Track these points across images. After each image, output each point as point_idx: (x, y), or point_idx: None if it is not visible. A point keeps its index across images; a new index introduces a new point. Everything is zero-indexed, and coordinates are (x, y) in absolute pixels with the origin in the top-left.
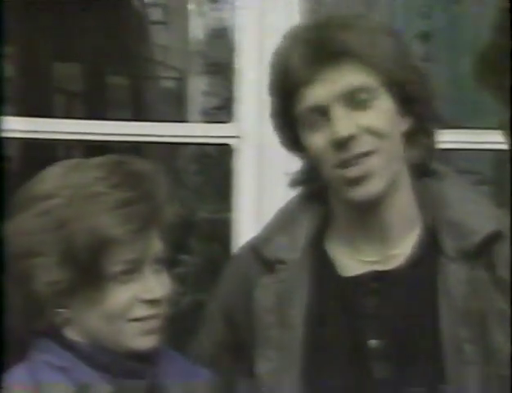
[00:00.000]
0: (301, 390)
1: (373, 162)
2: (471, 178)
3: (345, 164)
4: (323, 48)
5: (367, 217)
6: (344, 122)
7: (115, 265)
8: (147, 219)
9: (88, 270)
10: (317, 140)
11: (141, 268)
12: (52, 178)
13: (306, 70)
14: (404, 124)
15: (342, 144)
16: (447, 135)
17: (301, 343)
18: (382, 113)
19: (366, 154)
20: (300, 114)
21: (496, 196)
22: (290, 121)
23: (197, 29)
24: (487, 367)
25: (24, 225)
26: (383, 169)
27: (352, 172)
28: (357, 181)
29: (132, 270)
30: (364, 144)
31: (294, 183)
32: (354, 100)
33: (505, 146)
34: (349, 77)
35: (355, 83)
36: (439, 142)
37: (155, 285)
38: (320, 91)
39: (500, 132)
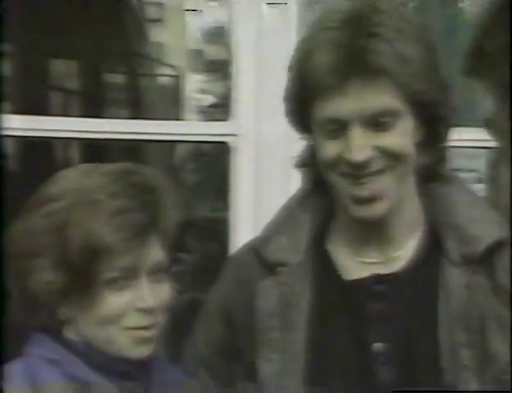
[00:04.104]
0: None
1: (383, 182)
2: (467, 176)
3: (355, 181)
4: (356, 58)
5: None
6: (362, 144)
7: (109, 272)
8: (144, 228)
9: (82, 275)
10: (331, 149)
11: (136, 276)
12: (62, 180)
13: (331, 78)
14: (419, 135)
15: (356, 166)
16: None
17: (304, 346)
18: (402, 134)
19: (378, 172)
20: (317, 121)
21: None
22: (303, 120)
23: (194, 27)
24: (484, 372)
25: (29, 225)
26: (392, 189)
27: (362, 192)
28: (364, 200)
29: (127, 278)
30: (378, 164)
31: (299, 165)
32: (376, 121)
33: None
34: (376, 97)
35: (381, 106)
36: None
37: (150, 294)
38: (342, 104)
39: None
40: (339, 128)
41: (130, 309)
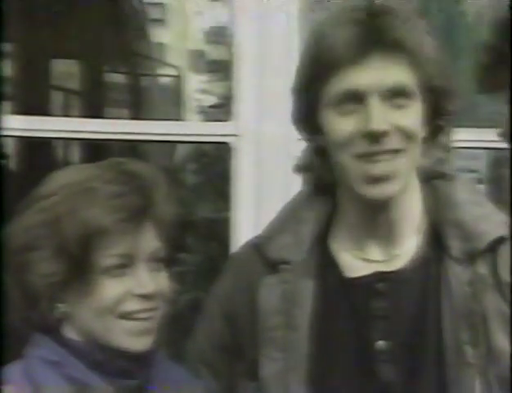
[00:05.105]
0: (307, 392)
1: (400, 162)
2: (467, 177)
3: (371, 158)
4: (377, 34)
5: (374, 215)
6: (381, 116)
7: (107, 258)
8: (139, 212)
9: (80, 264)
10: (345, 126)
11: (134, 263)
12: (56, 178)
13: (352, 51)
14: (424, 129)
15: (375, 137)
16: None
17: (306, 344)
18: (415, 115)
19: (396, 152)
20: (330, 95)
21: (492, 195)
22: (313, 100)
23: (196, 27)
24: (488, 369)
25: (25, 221)
26: (405, 171)
27: (378, 169)
28: (377, 179)
29: (125, 265)
30: (395, 142)
31: (298, 169)
32: (394, 97)
33: (501, 145)
34: (396, 73)
35: (400, 81)
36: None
37: (149, 280)
38: (362, 76)
39: (500, 138)
40: (356, 102)
41: (128, 296)
